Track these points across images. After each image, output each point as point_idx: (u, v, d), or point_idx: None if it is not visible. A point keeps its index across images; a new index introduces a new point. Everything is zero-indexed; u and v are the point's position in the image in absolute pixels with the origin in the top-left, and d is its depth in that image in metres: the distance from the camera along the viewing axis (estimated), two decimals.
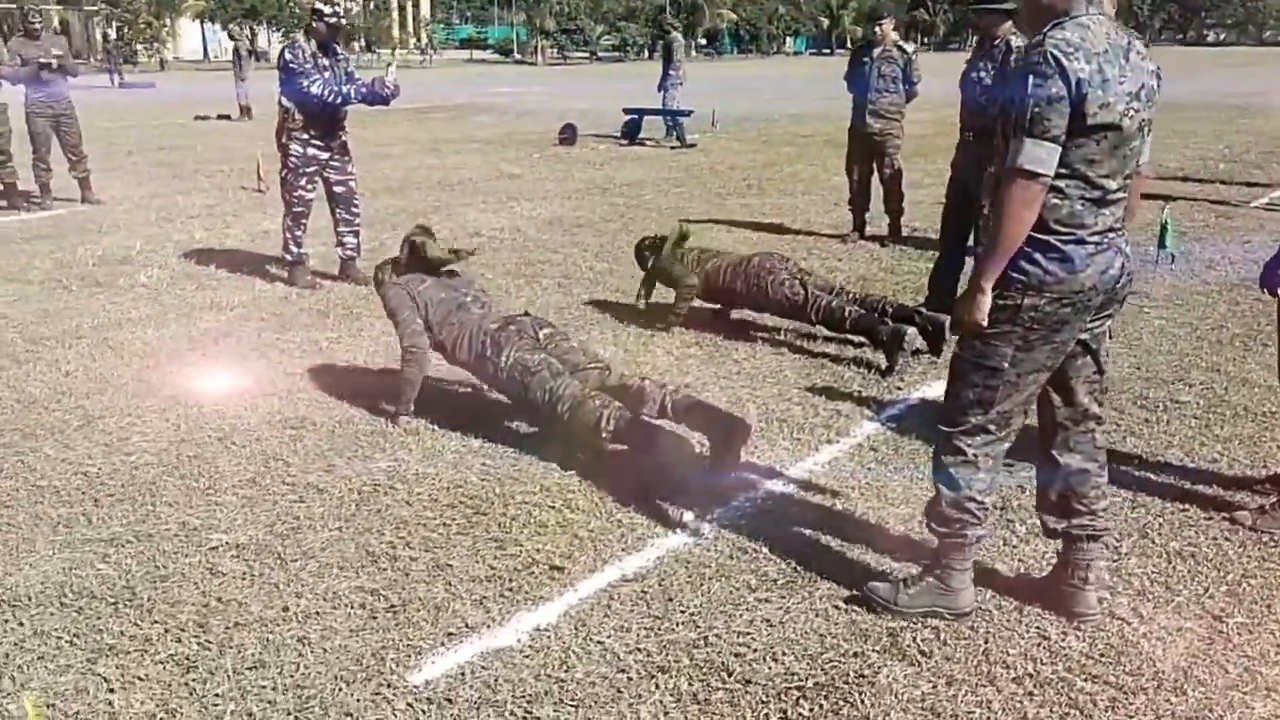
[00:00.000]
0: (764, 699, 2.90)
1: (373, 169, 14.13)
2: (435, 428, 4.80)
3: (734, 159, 15.09)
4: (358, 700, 2.88)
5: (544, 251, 8.70)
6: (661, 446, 4.10)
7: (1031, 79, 2.77)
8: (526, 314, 4.92)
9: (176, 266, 8.32)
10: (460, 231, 9.53)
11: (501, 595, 3.42)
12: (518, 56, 70.81)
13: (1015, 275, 2.90)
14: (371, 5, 76.26)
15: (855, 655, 3.09)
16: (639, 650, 3.12)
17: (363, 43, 70.07)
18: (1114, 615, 3.28)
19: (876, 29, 8.54)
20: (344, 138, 7.49)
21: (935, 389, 5.31)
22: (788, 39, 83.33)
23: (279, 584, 3.48)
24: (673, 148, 16.49)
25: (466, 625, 3.25)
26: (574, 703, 2.88)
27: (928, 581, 3.27)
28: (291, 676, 2.98)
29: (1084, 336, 3.04)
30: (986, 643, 3.15)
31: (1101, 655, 3.08)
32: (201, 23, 67.18)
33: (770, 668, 3.04)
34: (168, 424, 4.89)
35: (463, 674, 3.00)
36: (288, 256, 7.62)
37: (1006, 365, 3.00)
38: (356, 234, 7.73)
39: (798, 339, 6.12)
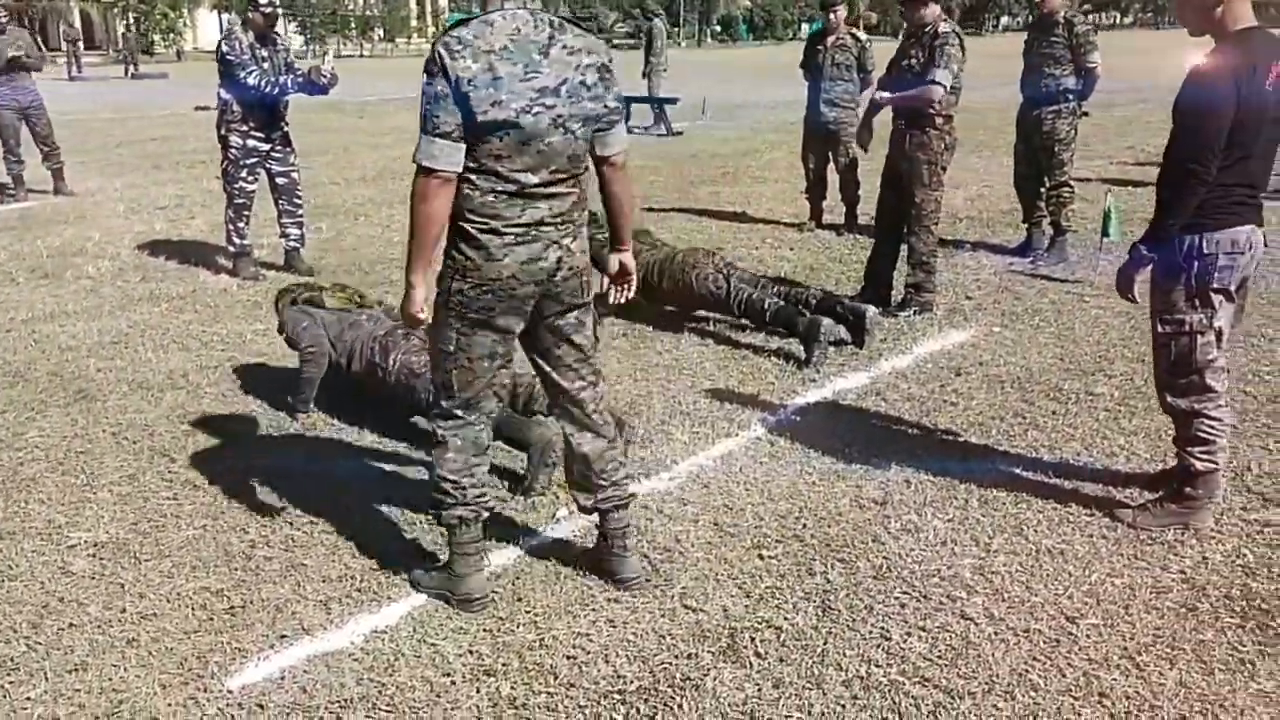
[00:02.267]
0: (584, 703, 2.84)
1: (355, 159, 14.17)
2: (334, 423, 4.76)
3: (717, 146, 14.97)
4: (169, 705, 2.84)
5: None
6: (534, 443, 4.03)
7: (424, 78, 2.86)
8: None
9: (127, 258, 8.30)
10: None
11: (348, 596, 3.37)
12: None
13: (446, 262, 3.04)
14: None
15: (689, 657, 3.02)
16: (471, 653, 3.06)
17: (382, 32, 70.08)
18: (964, 615, 3.20)
19: (831, 16, 8.40)
20: (285, 129, 7.43)
21: (851, 381, 5.24)
22: (803, 24, 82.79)
23: (125, 584, 3.44)
24: (658, 135, 16.38)
25: (303, 627, 3.20)
26: (388, 708, 2.83)
27: (444, 567, 3.33)
28: (110, 680, 2.94)
29: (558, 324, 3.15)
30: (826, 643, 3.08)
31: (940, 657, 3.01)
32: (219, 13, 67.32)
33: (599, 670, 2.97)
34: (67, 419, 4.86)
35: (283, 678, 2.95)
36: (230, 248, 7.59)
37: (453, 349, 3.10)
38: (300, 224, 7.69)
39: (728, 330, 6.04)
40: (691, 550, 3.63)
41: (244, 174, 7.28)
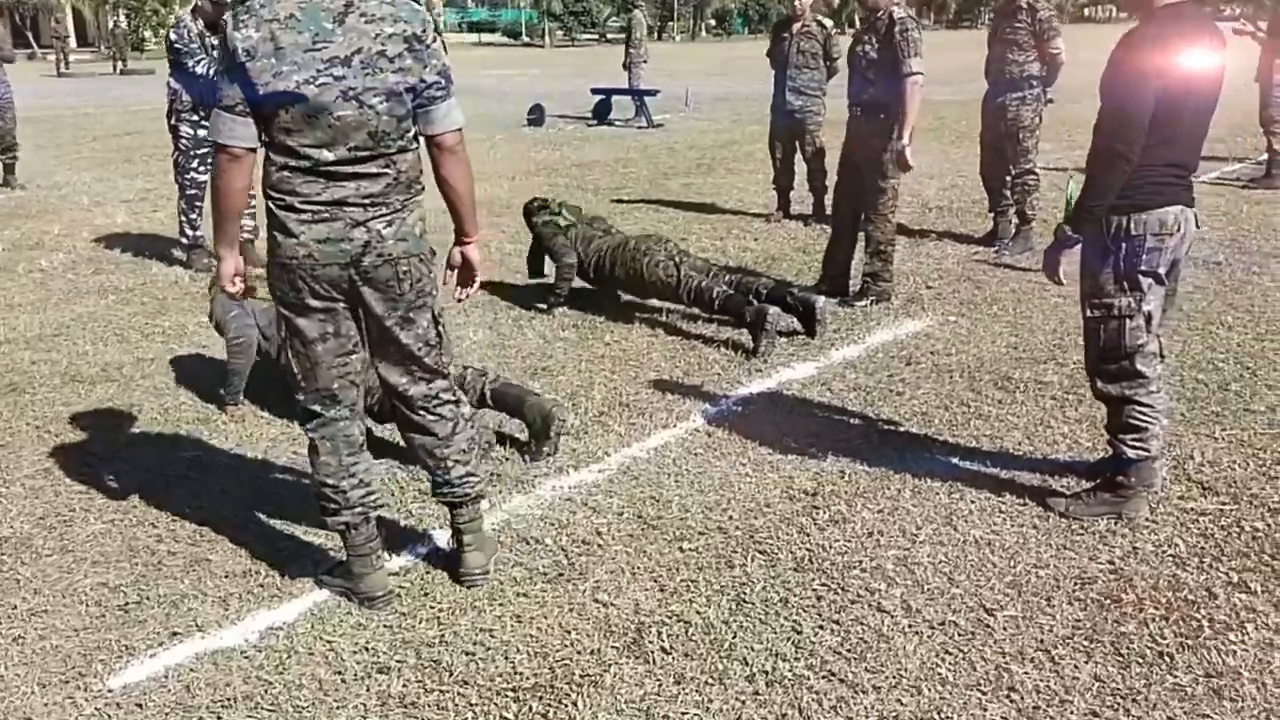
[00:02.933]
0: (475, 701, 2.74)
1: None
2: (264, 415, 4.65)
3: (696, 139, 14.86)
4: (45, 705, 2.73)
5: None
6: (525, 413, 4.15)
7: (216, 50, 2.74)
8: None
9: (83, 251, 8.19)
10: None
11: (249, 592, 3.26)
12: (526, 39, 70.42)
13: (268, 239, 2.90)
14: None
15: (592, 653, 2.92)
16: (367, 650, 2.96)
17: None
18: (880, 608, 3.10)
19: (796, 3, 8.28)
20: None
21: (798, 371, 5.14)
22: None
23: (21, 580, 3.34)
24: (639, 128, 16.27)
25: (196, 624, 3.09)
26: (271, 708, 2.72)
27: (343, 566, 3.21)
28: None
29: (381, 317, 2.95)
30: (735, 638, 2.97)
31: (849, 651, 2.91)
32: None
33: (496, 666, 2.87)
34: None
35: (168, 677, 2.84)
36: (183, 240, 7.48)
37: (285, 334, 2.99)
38: (253, 215, 7.55)
39: (680, 321, 5.93)
40: (611, 544, 3.53)
41: (195, 164, 7.16)
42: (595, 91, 17.57)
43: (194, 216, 7.32)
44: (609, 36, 70.66)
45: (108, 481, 4.02)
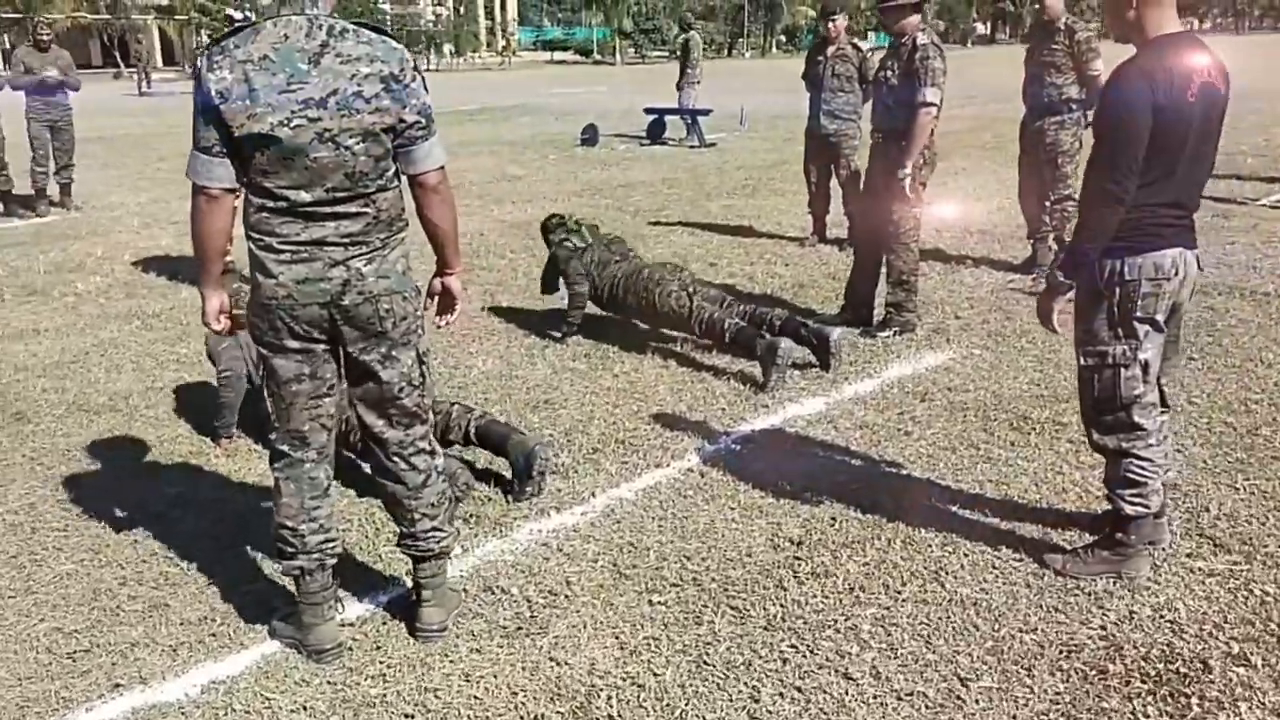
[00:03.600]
0: None
1: None
2: (256, 449, 4.60)
3: (747, 158, 14.70)
4: None
5: (492, 256, 8.46)
6: (509, 451, 4.07)
7: (194, 89, 2.73)
8: None
9: (120, 274, 8.29)
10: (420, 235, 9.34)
11: (200, 641, 3.19)
12: (597, 57, 70.78)
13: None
14: (461, 9, 76.96)
15: (536, 719, 2.79)
16: (305, 709, 2.87)
17: (452, 47, 70.69)
18: (847, 675, 2.92)
19: (830, 26, 8.10)
20: None
21: (806, 406, 4.97)
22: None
23: None
24: (691, 147, 16.15)
25: (140, 675, 3.02)
26: None
27: (294, 616, 3.13)
28: None
29: (360, 357, 2.92)
30: (687, 704, 2.82)
31: None
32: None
33: None
34: None
35: None
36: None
37: (262, 373, 2.97)
38: None
39: (694, 351, 5.79)
40: (579, 594, 3.40)
41: None
42: (649, 111, 17.51)
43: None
44: (678, 54, 70.70)
45: (88, 518, 4.00)
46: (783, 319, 5.54)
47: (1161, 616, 3.16)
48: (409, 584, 3.37)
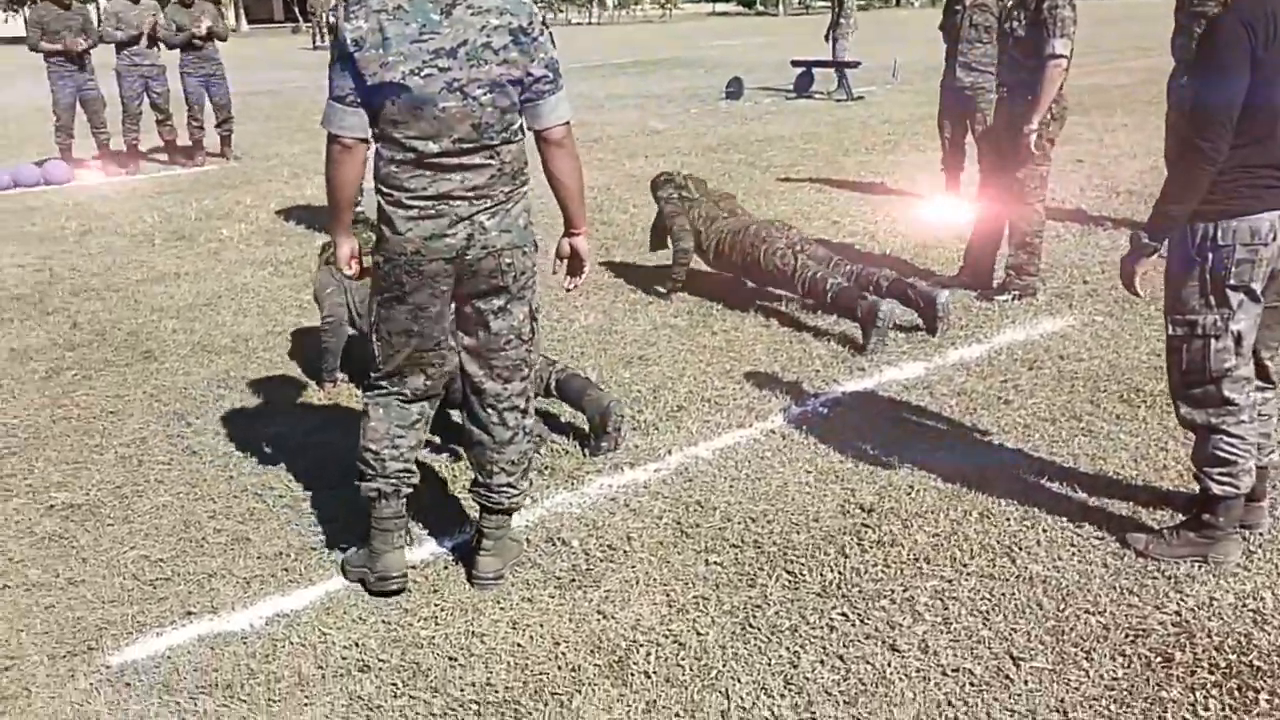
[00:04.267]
0: (437, 710, 2.70)
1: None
2: (357, 394, 4.75)
3: (894, 112, 14.26)
4: (47, 675, 2.87)
5: (613, 211, 8.49)
6: (585, 408, 4.11)
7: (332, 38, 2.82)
8: None
9: (263, 222, 8.64)
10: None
11: (272, 575, 3.33)
12: (759, 8, 69.70)
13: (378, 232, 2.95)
14: None
15: (573, 669, 2.83)
16: (357, 646, 2.96)
17: (615, 0, 70.78)
18: (893, 647, 2.85)
19: None
20: None
21: (904, 371, 4.83)
22: None
23: (76, 549, 3.52)
24: (838, 101, 15.78)
25: (212, 605, 3.18)
26: (245, 698, 2.76)
27: (365, 548, 3.21)
28: (10, 646, 3.01)
29: (478, 305, 2.99)
30: (724, 666, 2.80)
31: (842, 693, 2.69)
32: None
33: (473, 675, 2.82)
34: (118, 380, 5.07)
35: (164, 657, 2.93)
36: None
37: (374, 319, 3.05)
38: None
39: (798, 312, 5.68)
40: (637, 550, 3.40)
41: None
42: (796, 64, 17.16)
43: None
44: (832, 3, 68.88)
45: (192, 454, 4.21)
46: (890, 280, 5.38)
47: (1244, 605, 2.97)
48: (450, 537, 3.46)
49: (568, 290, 3.31)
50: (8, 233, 8.39)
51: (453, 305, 3.05)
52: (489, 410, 3.14)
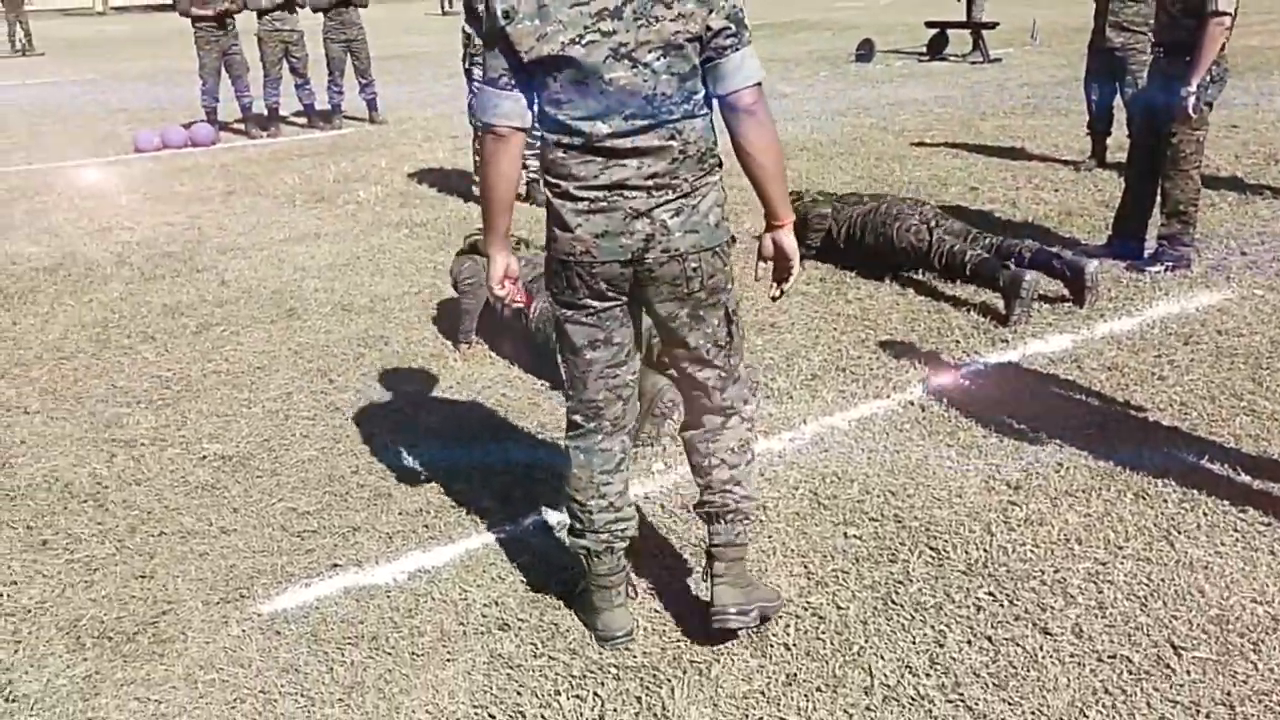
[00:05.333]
0: (576, 673, 2.70)
1: None
2: (492, 355, 4.81)
3: (1033, 75, 13.75)
4: (201, 621, 2.97)
5: (742, 178, 8.36)
6: (645, 393, 3.84)
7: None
8: None
9: (398, 185, 8.80)
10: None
11: (413, 531, 3.39)
12: None
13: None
14: None
15: (710, 639, 2.79)
16: (497, 604, 2.99)
17: None
18: (1045, 630, 2.75)
19: None
20: None
21: (1050, 343, 4.67)
22: None
23: (227, 498, 3.64)
24: (974, 63, 15.29)
25: (356, 558, 3.25)
26: (389, 650, 2.81)
27: (583, 596, 2.88)
28: (165, 589, 3.13)
29: (663, 317, 2.58)
30: (866, 641, 2.74)
31: (991, 675, 2.60)
32: None
33: (597, 655, 2.81)
34: (264, 336, 5.22)
35: (312, 607, 3.01)
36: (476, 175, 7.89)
37: (560, 342, 2.69)
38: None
39: (935, 280, 5.52)
40: (773, 520, 3.36)
41: None
42: (930, 25, 16.67)
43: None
44: None
45: (334, 410, 4.31)
46: (1033, 250, 5.19)
47: None
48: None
49: (774, 299, 2.74)
50: (159, 192, 8.71)
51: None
52: (710, 417, 2.74)
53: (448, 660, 2.77)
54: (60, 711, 2.63)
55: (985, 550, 3.13)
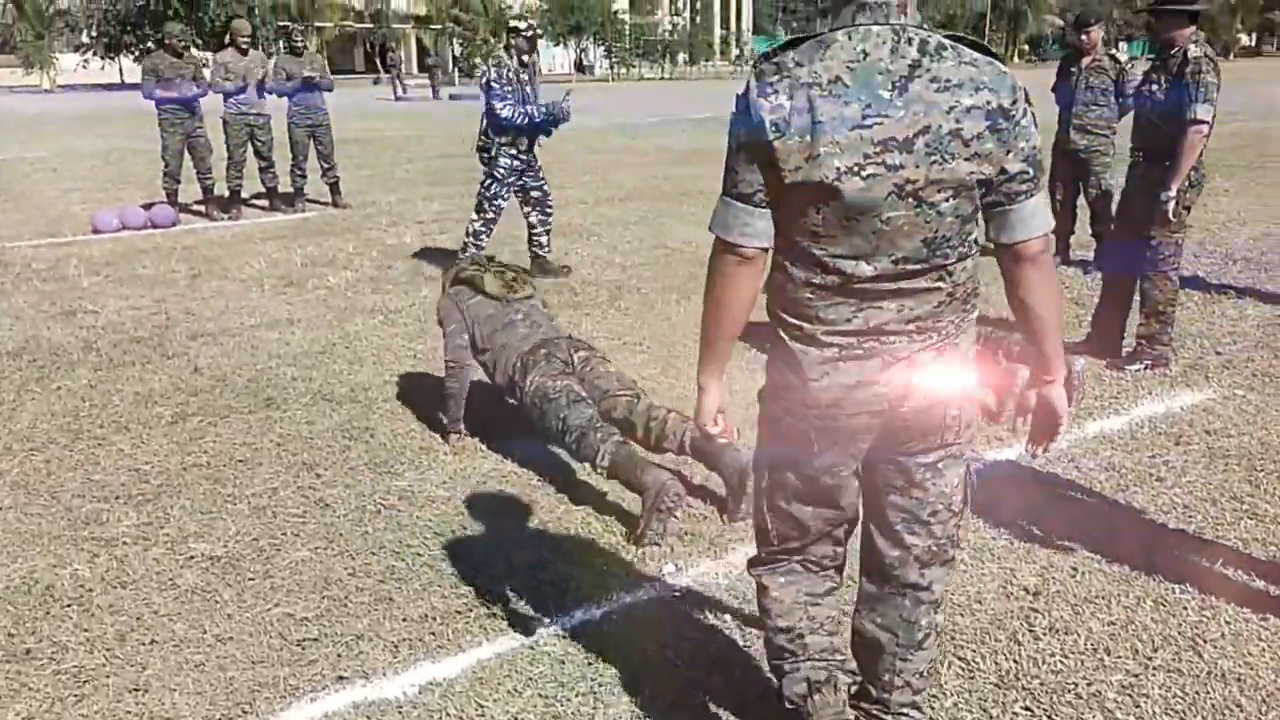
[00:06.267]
0: None
1: (611, 177, 14.34)
2: (483, 447, 4.70)
3: None
4: None
5: None
6: (648, 487, 3.79)
7: (731, 116, 2.12)
8: (568, 337, 4.75)
9: (368, 270, 8.71)
10: (647, 243, 9.46)
11: (420, 640, 3.25)
12: None
13: (767, 370, 2.30)
14: (696, 19, 78.10)
15: None
16: None
17: (686, 55, 71.71)
18: None
19: (1085, 37, 7.65)
20: (537, 148, 8.00)
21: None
22: (1119, 43, 77.32)
23: (220, 603, 3.48)
24: None
25: (363, 669, 3.10)
26: None
27: None
28: (162, 704, 2.95)
29: (898, 462, 2.23)
30: None
31: None
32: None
33: None
34: (244, 427, 5.06)
35: None
36: (462, 255, 7.93)
37: (764, 484, 2.38)
38: (549, 232, 8.22)
39: None
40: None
41: (504, 192, 7.87)
42: None
43: (485, 240, 7.94)
44: None
45: (324, 506, 4.17)
46: (1021, 345, 5.21)
47: None
48: (605, 603, 3.34)
49: (1032, 456, 2.51)
50: (121, 275, 8.54)
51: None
52: (898, 600, 2.38)
53: None
54: None
55: (1015, 661, 3.07)
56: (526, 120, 7.59)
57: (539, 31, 7.96)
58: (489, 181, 7.83)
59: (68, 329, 6.86)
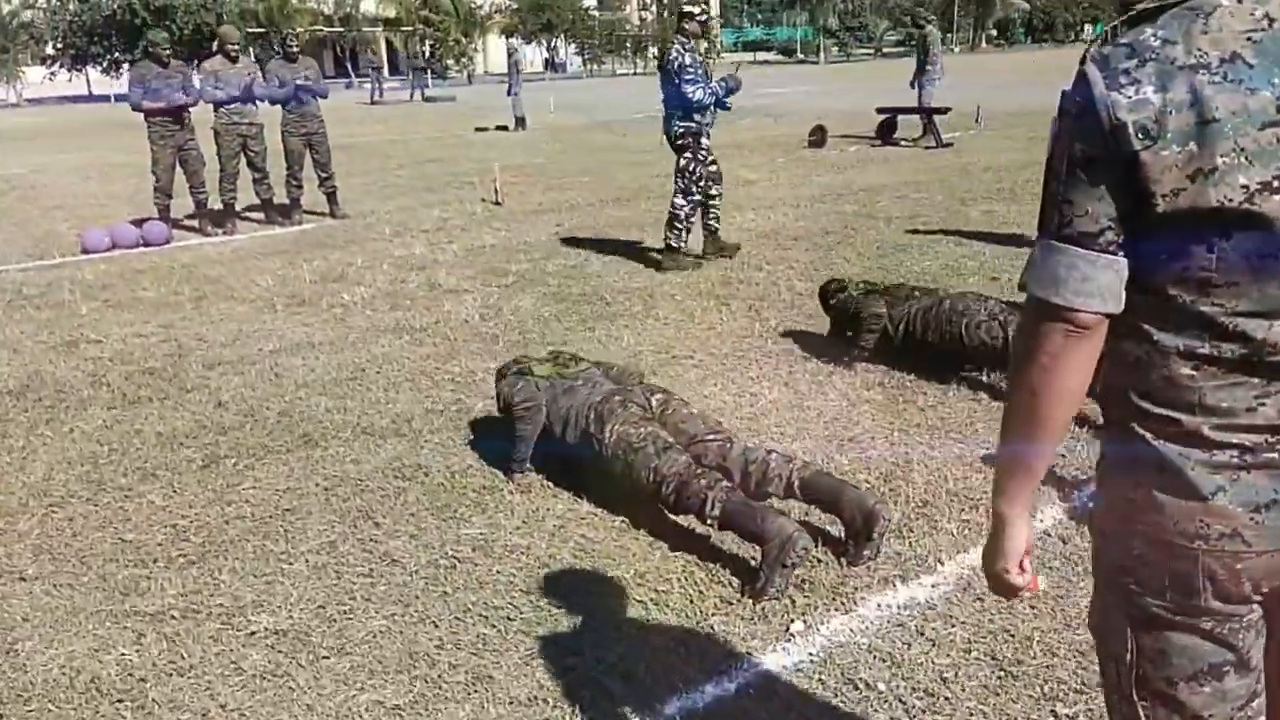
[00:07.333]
0: None
1: (611, 178, 13.93)
2: (550, 485, 4.29)
3: (992, 159, 13.79)
4: None
5: (748, 269, 8.03)
6: (770, 538, 3.38)
7: (1054, 122, 1.50)
8: (640, 382, 4.36)
9: (382, 285, 8.26)
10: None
11: None
12: (800, 56, 69.86)
13: (1105, 490, 1.60)
14: (665, 14, 77.73)
15: None
16: None
17: (656, 51, 71.32)
18: None
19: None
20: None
21: None
22: (1085, 26, 77.43)
23: (295, 687, 3.05)
24: (927, 148, 15.32)
25: None
26: None
27: None
28: None
29: None
30: None
31: None
32: (506, 37, 70.30)
33: None
34: (284, 469, 4.62)
35: None
36: (680, 244, 8.14)
37: (1129, 660, 1.61)
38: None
39: (1004, 381, 5.14)
40: (961, 696, 2.88)
41: (705, 170, 8.13)
42: (881, 111, 16.75)
43: (693, 220, 8.15)
44: (884, 51, 68.92)
45: (390, 562, 3.74)
46: None
47: None
48: (729, 674, 2.94)
49: None
50: (120, 299, 8.06)
51: None
52: None
53: None
54: None
55: None
56: (714, 98, 7.79)
57: (710, 18, 8.01)
58: (692, 165, 7.98)
59: (72, 362, 6.38)
